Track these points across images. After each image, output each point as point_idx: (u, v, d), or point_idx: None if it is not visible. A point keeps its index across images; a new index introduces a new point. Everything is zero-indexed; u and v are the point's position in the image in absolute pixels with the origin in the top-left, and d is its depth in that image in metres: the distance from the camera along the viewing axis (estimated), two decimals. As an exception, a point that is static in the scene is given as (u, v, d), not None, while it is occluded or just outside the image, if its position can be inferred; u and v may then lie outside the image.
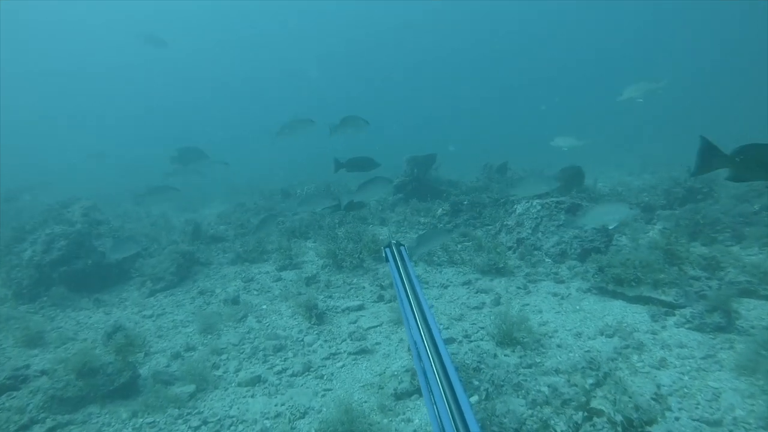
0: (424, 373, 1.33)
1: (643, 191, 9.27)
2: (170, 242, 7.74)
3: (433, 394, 1.23)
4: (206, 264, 7.49)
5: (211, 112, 50.44)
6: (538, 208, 6.78)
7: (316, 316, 4.98)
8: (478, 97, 48.52)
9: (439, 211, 8.51)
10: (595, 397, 2.84)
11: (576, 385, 3.07)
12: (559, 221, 6.61)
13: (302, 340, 4.63)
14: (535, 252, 6.42)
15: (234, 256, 7.58)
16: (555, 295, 5.21)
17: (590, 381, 3.10)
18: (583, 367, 3.29)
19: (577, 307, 4.83)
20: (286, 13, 54.44)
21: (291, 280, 6.47)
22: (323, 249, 7.23)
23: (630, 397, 2.83)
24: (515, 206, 7.08)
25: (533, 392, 3.18)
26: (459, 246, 7.06)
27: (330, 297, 5.67)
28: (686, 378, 3.30)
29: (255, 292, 6.14)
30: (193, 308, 5.84)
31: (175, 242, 7.70)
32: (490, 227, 7.81)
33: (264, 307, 5.61)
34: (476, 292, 5.41)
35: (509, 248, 6.72)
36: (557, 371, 3.51)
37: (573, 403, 2.89)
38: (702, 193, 8.15)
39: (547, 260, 6.31)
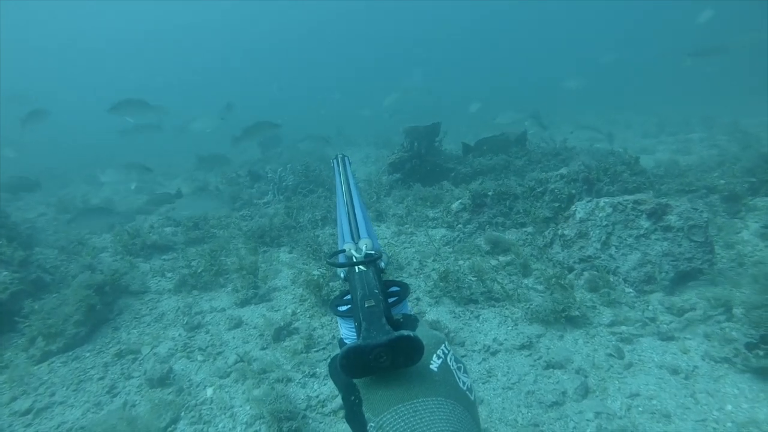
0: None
1: (709, 170, 7.27)
2: (84, 266, 5.49)
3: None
4: (139, 293, 5.34)
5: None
6: (608, 210, 4.73)
7: (291, 432, 2.94)
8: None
9: (456, 204, 6.40)
10: None
11: None
12: (639, 230, 4.59)
13: (265, 500, 2.61)
14: (611, 277, 4.43)
15: (179, 279, 5.42)
16: (674, 371, 3.23)
17: None
18: None
19: (729, 407, 2.88)
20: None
21: (255, 327, 4.40)
22: (302, 272, 5.15)
23: None
24: (574, 207, 5.00)
25: None
26: (494, 262, 5.02)
27: (312, 375, 3.60)
28: None
29: (199, 357, 4.05)
30: (100, 389, 3.75)
31: (91, 267, 5.45)
32: (527, 230, 5.77)
33: (209, 393, 3.54)
34: (546, 368, 3.41)
35: (569, 269, 4.71)
36: None
37: None
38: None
39: (628, 290, 4.33)
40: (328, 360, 1.59)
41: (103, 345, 4.40)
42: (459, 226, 6.12)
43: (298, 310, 4.62)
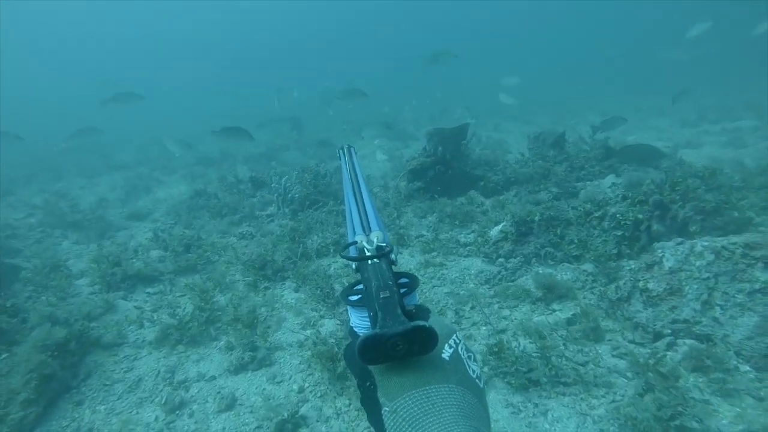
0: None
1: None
2: (43, 317, 4.44)
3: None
4: (112, 347, 4.37)
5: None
6: (709, 258, 3.61)
7: None
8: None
9: (494, 231, 5.30)
10: None
11: None
12: (753, 283, 3.49)
13: None
14: (722, 351, 3.34)
15: (160, 331, 4.42)
16: None
17: None
18: None
19: None
20: None
21: (251, 412, 3.41)
22: (310, 322, 4.14)
23: None
24: (660, 252, 3.88)
25: None
26: (553, 318, 3.95)
27: None
28: None
29: (175, 464, 3.07)
30: None
31: (52, 318, 4.43)
32: (585, 268, 4.67)
33: None
34: None
35: (655, 335, 3.62)
36: None
37: None
38: None
39: (745, 369, 3.25)
40: (343, 347, 1.45)
41: (59, 431, 3.44)
42: (500, 260, 5.03)
43: (307, 385, 3.61)
